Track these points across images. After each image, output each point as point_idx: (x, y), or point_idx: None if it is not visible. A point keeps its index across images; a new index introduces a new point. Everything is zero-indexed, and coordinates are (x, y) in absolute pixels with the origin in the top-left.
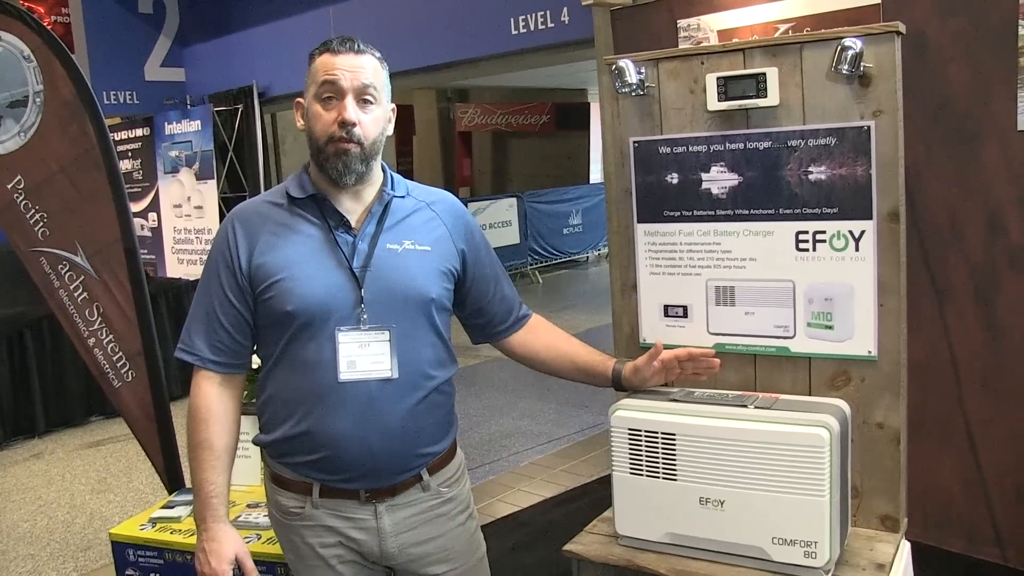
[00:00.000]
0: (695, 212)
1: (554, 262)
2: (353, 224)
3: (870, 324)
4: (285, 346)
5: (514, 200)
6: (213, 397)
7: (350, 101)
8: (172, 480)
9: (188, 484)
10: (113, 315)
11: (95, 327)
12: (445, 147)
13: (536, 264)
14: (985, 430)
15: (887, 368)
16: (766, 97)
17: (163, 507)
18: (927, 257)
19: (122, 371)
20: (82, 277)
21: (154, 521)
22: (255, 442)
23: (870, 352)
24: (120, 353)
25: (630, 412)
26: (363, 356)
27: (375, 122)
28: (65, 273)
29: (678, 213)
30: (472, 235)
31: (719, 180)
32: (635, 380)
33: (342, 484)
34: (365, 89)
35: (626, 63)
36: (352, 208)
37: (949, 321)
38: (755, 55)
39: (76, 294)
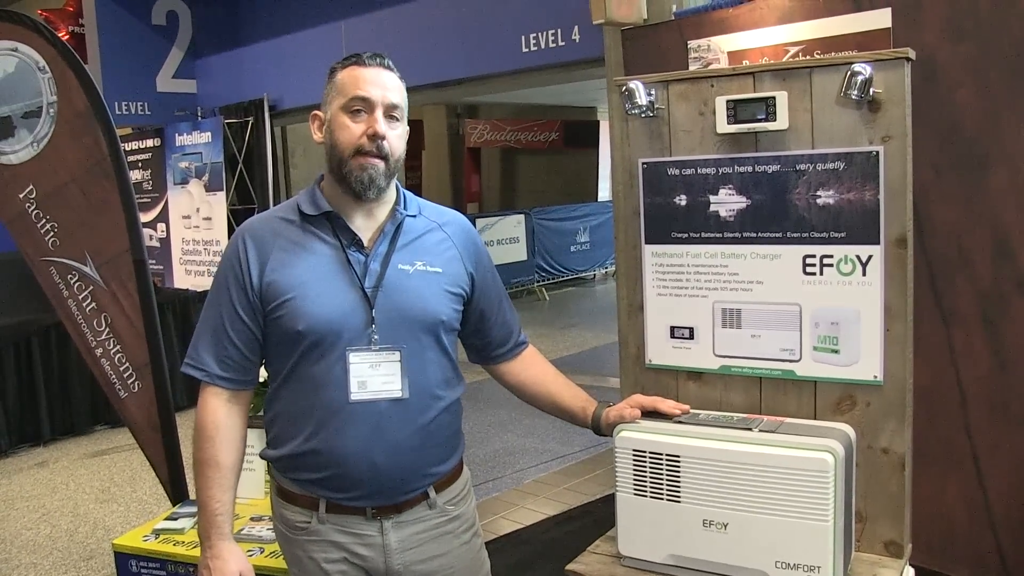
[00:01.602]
0: (703, 234)
1: (561, 279)
2: (365, 243)
3: (876, 349)
4: (295, 364)
5: (522, 217)
6: (221, 414)
7: (381, 115)
8: (176, 491)
9: (192, 496)
10: (121, 326)
11: (103, 337)
12: (454, 163)
13: (543, 281)
14: (991, 456)
15: (893, 393)
16: (775, 121)
17: (167, 518)
18: (934, 282)
19: (129, 382)
20: (91, 287)
21: (157, 532)
22: (262, 456)
23: (876, 377)
24: (127, 364)
25: (635, 433)
26: (374, 376)
27: (399, 139)
28: (74, 283)
29: (686, 235)
30: (481, 259)
31: (727, 203)
32: (606, 427)
33: (349, 501)
34: (394, 107)
35: (636, 85)
36: (365, 226)
37: (956, 346)
38: (765, 79)
39: (85, 304)
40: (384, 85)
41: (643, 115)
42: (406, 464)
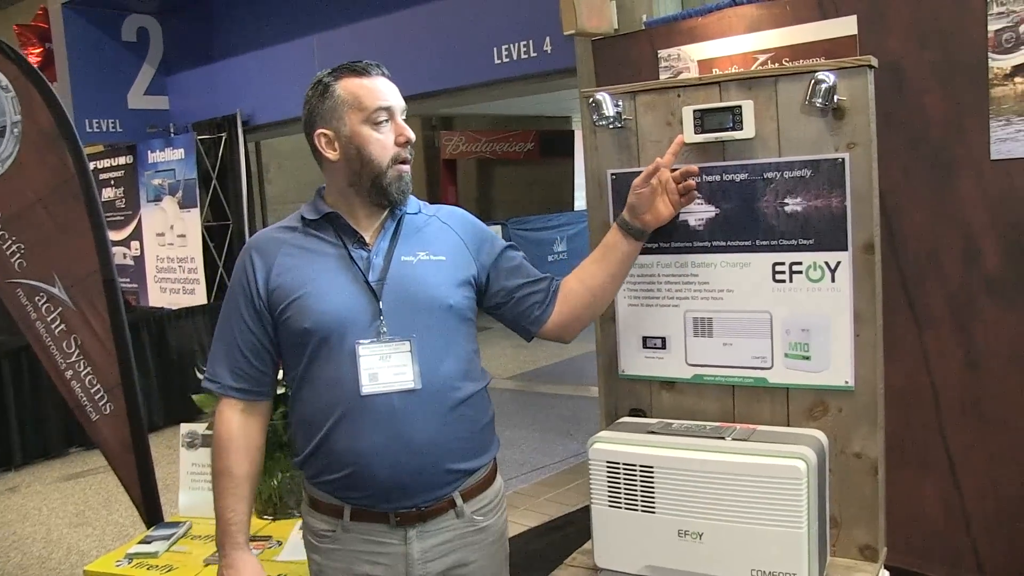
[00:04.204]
0: (673, 243)
1: None
2: (368, 240)
3: (847, 355)
4: (307, 365)
5: (498, 228)
6: (235, 425)
7: (403, 121)
8: (151, 514)
9: (167, 518)
10: (91, 347)
11: (73, 359)
12: (430, 175)
13: None
14: (966, 456)
15: (864, 398)
16: (742, 129)
17: (140, 542)
18: (906, 284)
19: (100, 403)
20: (60, 308)
21: (131, 557)
22: (294, 465)
23: (847, 382)
24: (98, 385)
25: (608, 444)
26: (385, 368)
27: None
28: (42, 305)
29: (656, 245)
30: (484, 241)
31: (696, 212)
32: (638, 218)
33: (371, 505)
34: (404, 110)
35: (603, 96)
36: (366, 226)
37: (928, 348)
38: (731, 88)
39: (54, 326)
40: (394, 91)
41: (611, 126)
42: (425, 459)
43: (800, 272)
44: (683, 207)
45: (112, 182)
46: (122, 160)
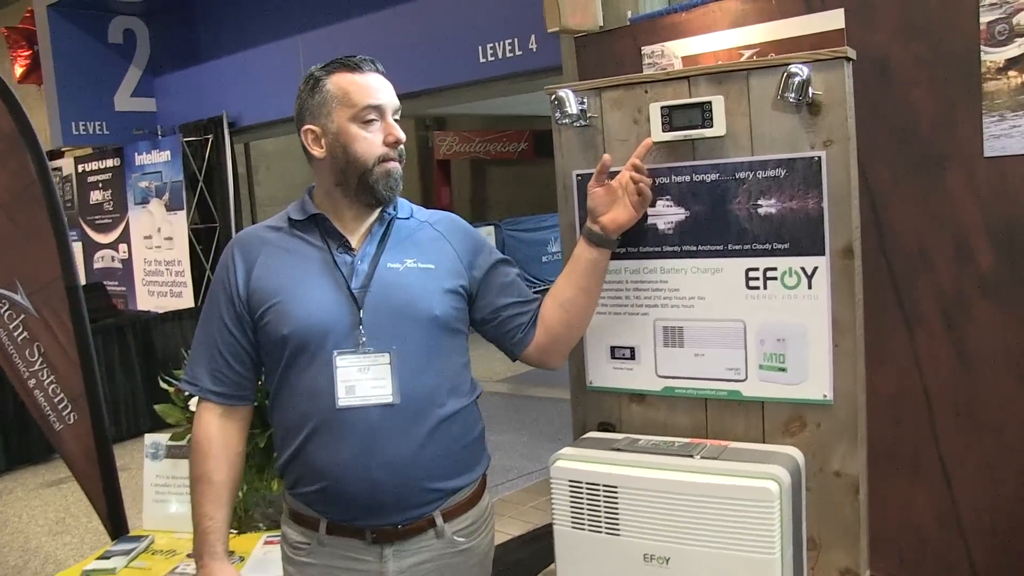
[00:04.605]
0: (641, 248)
1: (533, 290)
2: (354, 244)
3: (825, 366)
4: (284, 371)
5: (492, 228)
6: (214, 429)
7: (393, 120)
8: (116, 527)
9: (132, 531)
10: (54, 355)
11: (36, 368)
12: (424, 175)
13: None
14: (959, 462)
15: (844, 413)
16: (712, 127)
17: (99, 557)
18: (896, 284)
19: (63, 413)
20: (22, 316)
21: (87, 574)
22: (276, 471)
23: (825, 396)
24: (62, 395)
25: (570, 462)
26: (363, 381)
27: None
28: (4, 312)
29: (623, 249)
30: (480, 252)
31: (665, 215)
32: (596, 222)
33: (347, 520)
34: (397, 109)
35: (566, 93)
36: (354, 228)
37: (920, 351)
38: (700, 83)
39: (16, 334)
40: (388, 89)
41: (575, 124)
42: (403, 477)
43: (775, 278)
44: (642, 210)
45: (100, 185)
46: (110, 163)
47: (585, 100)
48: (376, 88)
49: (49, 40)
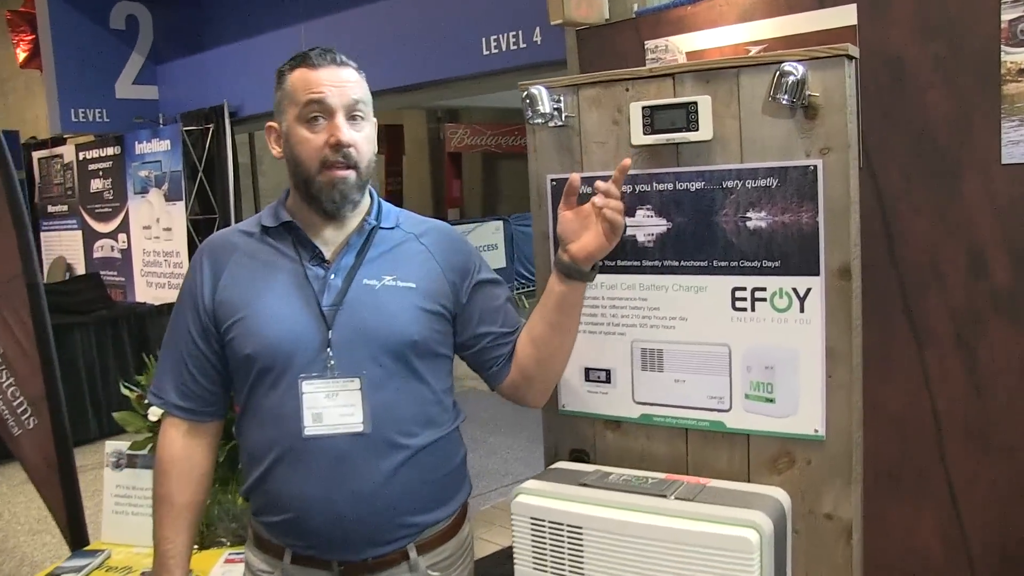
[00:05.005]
0: (619, 262)
1: None
2: (328, 256)
3: (817, 398)
4: (249, 393)
5: (500, 223)
6: (178, 447)
7: (342, 120)
8: (76, 538)
9: (92, 544)
10: (14, 356)
11: None
12: (435, 167)
13: (522, 288)
14: (968, 487)
15: (836, 450)
16: (698, 130)
17: (48, 574)
18: (906, 298)
19: (23, 417)
20: None
21: None
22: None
23: (816, 431)
24: (21, 398)
25: (533, 498)
26: (331, 408)
27: (368, 141)
28: None
29: (600, 263)
30: (468, 269)
31: (646, 226)
32: (565, 250)
33: (314, 552)
34: (355, 105)
35: (539, 90)
36: (330, 238)
37: (930, 369)
38: (686, 81)
39: None
40: (340, 82)
41: (549, 124)
42: (373, 512)
43: (764, 299)
44: (614, 240)
45: (100, 173)
46: (110, 151)
47: (560, 98)
48: (323, 82)
49: (49, 24)
